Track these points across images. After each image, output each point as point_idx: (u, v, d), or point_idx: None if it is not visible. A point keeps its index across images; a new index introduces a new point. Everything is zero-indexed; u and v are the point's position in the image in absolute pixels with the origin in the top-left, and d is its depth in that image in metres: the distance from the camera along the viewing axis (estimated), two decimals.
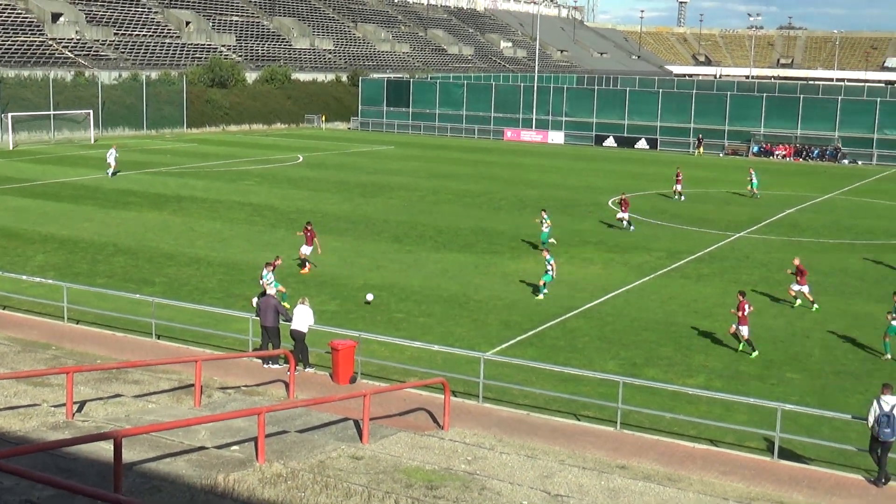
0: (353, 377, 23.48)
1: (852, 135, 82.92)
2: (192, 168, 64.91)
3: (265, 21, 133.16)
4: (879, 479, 18.32)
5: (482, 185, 59.69)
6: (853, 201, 57.67)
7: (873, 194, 61.10)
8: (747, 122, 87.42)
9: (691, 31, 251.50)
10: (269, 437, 17.03)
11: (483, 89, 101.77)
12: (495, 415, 21.66)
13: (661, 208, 52.25)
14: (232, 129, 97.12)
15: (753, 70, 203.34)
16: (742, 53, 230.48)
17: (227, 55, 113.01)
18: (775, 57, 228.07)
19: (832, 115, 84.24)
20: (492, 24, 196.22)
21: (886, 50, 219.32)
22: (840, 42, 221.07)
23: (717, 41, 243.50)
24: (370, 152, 79.46)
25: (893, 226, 48.52)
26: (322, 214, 47.68)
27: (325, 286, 33.41)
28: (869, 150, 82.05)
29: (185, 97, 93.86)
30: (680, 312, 31.03)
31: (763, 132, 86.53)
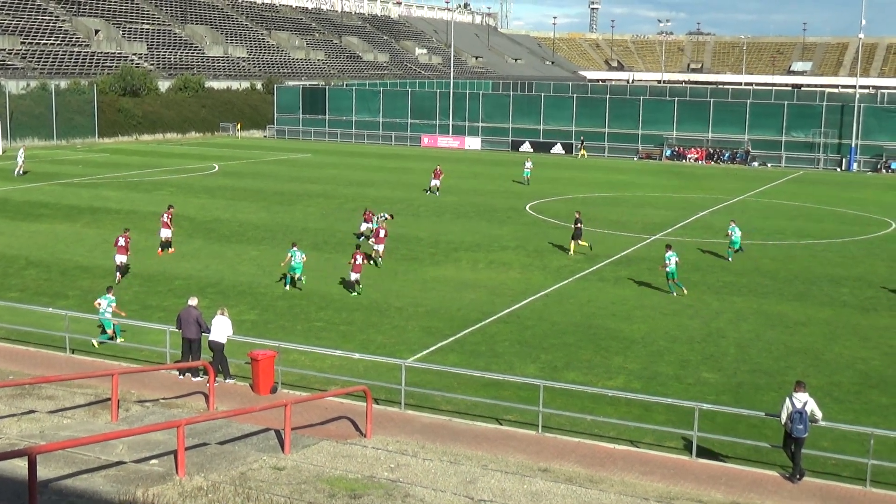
0: (273, 387, 23.29)
1: (761, 137, 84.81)
2: (105, 178, 63.75)
3: (177, 29, 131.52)
4: (794, 475, 18.73)
5: (400, 192, 59.68)
6: (763, 203, 58.95)
7: (782, 195, 62.54)
8: (660, 126, 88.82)
9: (603, 37, 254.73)
10: (188, 449, 16.81)
11: (399, 96, 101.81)
12: (418, 421, 21.66)
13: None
14: (145, 139, 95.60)
15: (665, 75, 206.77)
16: (653, 58, 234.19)
17: (139, 63, 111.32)
18: (686, 62, 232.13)
19: (742, 119, 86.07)
20: (406, 31, 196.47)
21: (792, 54, 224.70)
22: (747, 47, 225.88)
23: (628, 47, 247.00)
24: (287, 160, 78.94)
25: (802, 226, 49.70)
26: (239, 223, 47.24)
27: (244, 295, 33.10)
28: (777, 153, 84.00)
29: (97, 106, 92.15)
30: (598, 315, 31.38)
31: (675, 136, 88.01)
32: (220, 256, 39.60)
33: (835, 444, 20.53)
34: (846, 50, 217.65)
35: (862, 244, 45.04)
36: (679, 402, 21.56)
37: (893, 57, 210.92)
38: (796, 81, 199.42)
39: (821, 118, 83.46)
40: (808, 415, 18.57)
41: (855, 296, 34.64)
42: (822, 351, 27.87)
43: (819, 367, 26.39)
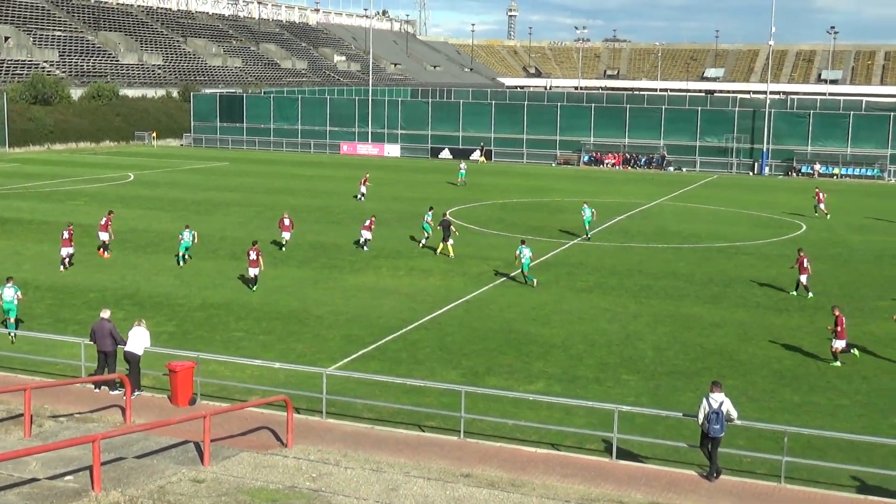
0: (192, 399, 22.97)
1: (676, 143, 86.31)
2: (15, 189, 62.33)
3: (90, 36, 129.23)
4: (711, 474, 19.04)
5: (319, 200, 59.40)
6: (679, 207, 59.93)
7: (697, 199, 63.66)
8: (577, 132, 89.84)
9: (521, 44, 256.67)
10: (104, 464, 16.52)
11: (318, 103, 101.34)
12: (339, 430, 21.55)
13: (496, 217, 53.11)
14: (58, 148, 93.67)
15: (582, 81, 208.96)
16: (570, 65, 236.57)
17: (50, 71, 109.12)
18: (602, 68, 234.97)
19: (657, 124, 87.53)
20: (325, 38, 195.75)
21: (705, 61, 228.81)
22: (662, 54, 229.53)
23: (546, 53, 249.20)
24: (204, 169, 78.05)
25: (716, 229, 50.63)
26: (156, 233, 46.54)
27: (161, 307, 32.61)
28: (692, 157, 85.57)
29: (6, 115, 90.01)
30: (518, 320, 31.57)
31: (593, 141, 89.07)
32: (136, 267, 38.97)
33: (750, 443, 20.92)
34: (757, 57, 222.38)
35: (774, 246, 46.03)
36: (599, 405, 21.80)
37: (803, 63, 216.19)
38: (709, 87, 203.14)
39: (733, 123, 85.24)
40: (724, 414, 18.90)
41: (768, 297, 35.38)
42: (736, 351, 28.40)
43: (734, 367, 26.89)
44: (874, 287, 37.15)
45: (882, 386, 25.34)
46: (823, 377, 26.15)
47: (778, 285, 37.17)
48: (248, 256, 35.39)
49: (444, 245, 42.26)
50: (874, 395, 24.72)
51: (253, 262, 35.21)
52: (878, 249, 45.30)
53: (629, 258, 42.38)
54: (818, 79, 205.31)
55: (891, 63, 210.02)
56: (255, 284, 35.40)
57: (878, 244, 46.76)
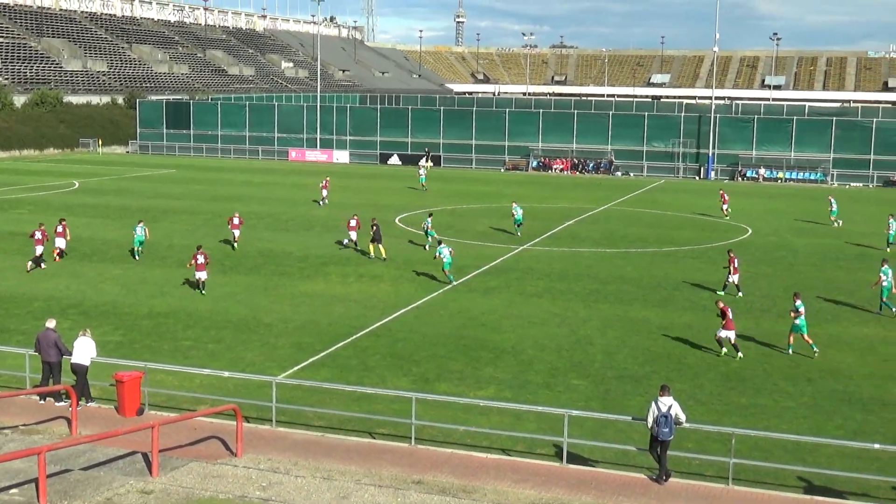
0: (140, 409, 22.70)
1: (624, 148, 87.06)
2: None
3: (32, 42, 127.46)
4: (661, 477, 19.18)
5: (268, 207, 59.09)
6: (627, 211, 60.41)
7: (644, 204, 64.21)
8: (526, 138, 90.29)
9: (469, 50, 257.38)
10: (50, 477, 16.28)
11: (266, 110, 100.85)
12: (290, 438, 21.42)
13: (446, 223, 53.13)
14: (0, 156, 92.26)
15: (530, 87, 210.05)
16: (518, 71, 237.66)
17: None
18: (550, 74, 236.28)
19: (605, 130, 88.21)
20: (272, 45, 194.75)
21: (651, 67, 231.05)
22: (609, 60, 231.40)
23: (494, 59, 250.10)
24: (151, 176, 77.30)
25: (664, 233, 51.09)
26: (102, 241, 46.01)
27: (108, 315, 32.22)
28: (639, 162, 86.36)
29: None
30: (469, 326, 31.62)
31: (541, 147, 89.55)
32: (82, 276, 38.49)
33: (699, 445, 21.13)
34: (702, 63, 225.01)
35: (721, 250, 46.50)
36: (549, 410, 21.92)
37: (746, 69, 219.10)
38: (655, 93, 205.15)
39: (679, 129, 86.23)
40: (672, 418, 19.06)
41: (715, 300, 35.70)
42: (684, 355, 28.68)
43: (682, 370, 27.15)
44: (818, 289, 37.67)
45: (826, 388, 25.71)
46: (770, 379, 26.49)
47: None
48: (196, 260, 35.72)
49: (375, 246, 42.60)
50: (819, 396, 25.08)
51: (200, 266, 35.66)
52: (822, 252, 45.97)
53: (578, 263, 42.64)
54: (762, 84, 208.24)
55: (832, 69, 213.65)
56: (203, 288, 35.78)
57: (821, 247, 47.45)
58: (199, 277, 35.87)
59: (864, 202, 67.94)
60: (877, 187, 79.32)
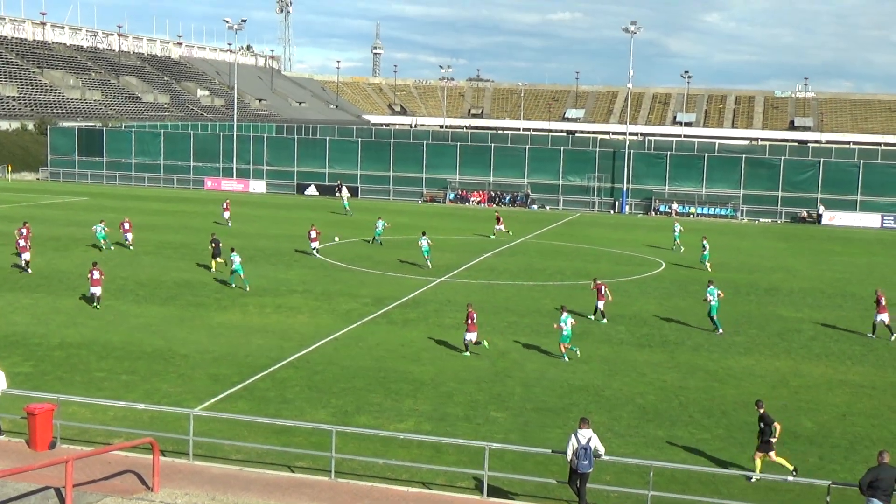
0: (52, 443, 22.16)
1: (540, 181, 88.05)
2: None
3: None
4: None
5: (183, 236, 58.34)
6: (544, 244, 60.99)
7: (561, 237, 64.92)
8: (443, 170, 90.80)
9: (386, 82, 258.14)
10: None
11: (181, 138, 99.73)
12: (207, 472, 21.09)
13: (364, 255, 53.07)
14: None
15: (447, 120, 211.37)
16: (435, 103, 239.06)
17: None
18: (466, 107, 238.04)
19: (521, 163, 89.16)
20: (188, 72, 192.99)
21: (566, 102, 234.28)
22: (524, 94, 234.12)
23: (411, 91, 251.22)
24: (62, 204, 75.80)
25: (580, 266, 51.65)
26: (9, 271, 44.95)
27: (17, 346, 31.42)
28: (555, 196, 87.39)
29: None
30: (388, 358, 31.54)
31: (458, 179, 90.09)
32: None
33: (617, 478, 21.35)
34: (616, 98, 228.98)
35: (636, 283, 47.25)
36: (469, 443, 21.97)
37: (659, 106, 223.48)
38: (570, 128, 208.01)
39: (595, 163, 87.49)
40: (591, 450, 19.26)
41: (631, 333, 36.27)
42: (602, 387, 28.98)
43: (600, 403, 27.43)
44: (730, 323, 38.39)
45: (740, 420, 26.18)
46: (685, 412, 26.90)
47: (639, 322, 38.14)
48: (91, 276, 37.50)
49: (214, 261, 46.44)
50: (733, 428, 25.54)
51: (95, 282, 37.40)
52: (733, 286, 46.90)
53: (496, 295, 42.87)
54: (673, 121, 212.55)
55: (741, 107, 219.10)
56: (98, 303, 37.48)
57: (732, 281, 48.42)
58: (94, 292, 37.44)
59: (773, 238, 69.62)
60: (784, 223, 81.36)
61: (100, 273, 37.87)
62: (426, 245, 49.59)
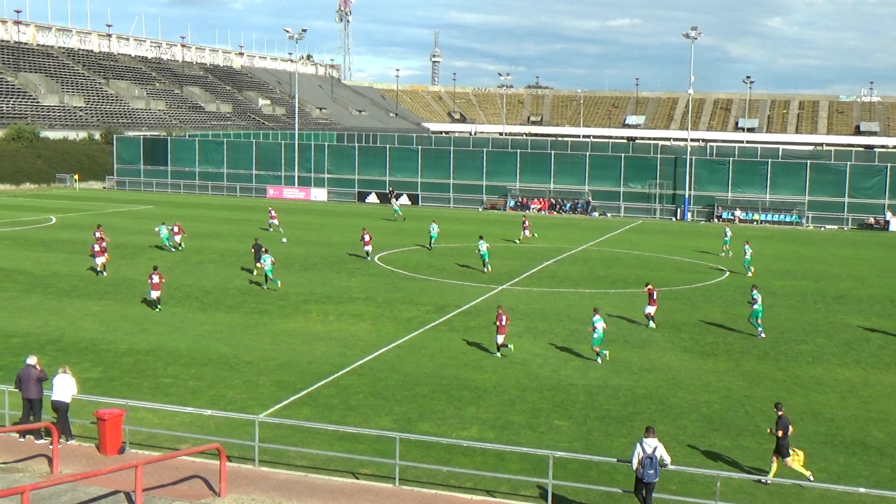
0: (121, 447, 22.50)
1: (601, 188, 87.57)
2: None
3: (9, 77, 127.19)
4: None
5: (247, 244, 58.78)
6: (605, 252, 60.63)
7: (622, 245, 64.49)
8: (503, 178, 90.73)
9: (445, 90, 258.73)
10: None
11: (243, 147, 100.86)
12: (273, 478, 21.27)
13: (425, 263, 53.20)
14: None
15: (506, 127, 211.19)
16: (494, 111, 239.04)
17: None
18: (526, 114, 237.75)
19: (582, 170, 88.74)
20: (249, 82, 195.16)
21: (626, 108, 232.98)
22: (584, 101, 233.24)
23: (470, 99, 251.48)
24: (128, 212, 77.00)
25: (642, 274, 51.19)
26: (80, 278, 45.75)
27: (87, 352, 31.97)
28: (616, 203, 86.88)
29: None
30: (450, 365, 31.56)
31: (519, 187, 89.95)
32: (60, 312, 38.21)
33: (683, 488, 21.13)
34: (676, 104, 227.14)
35: (699, 291, 46.78)
36: (533, 451, 21.86)
37: (720, 112, 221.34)
38: (631, 134, 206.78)
39: (656, 170, 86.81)
40: (657, 459, 19.09)
41: (695, 341, 35.90)
42: (666, 396, 28.71)
43: (665, 411, 27.18)
44: (797, 331, 37.89)
45: (809, 430, 25.78)
46: (752, 421, 26.56)
47: (704, 330, 37.76)
48: (151, 280, 38.91)
49: (256, 266, 46.81)
50: (801, 439, 25.10)
51: (155, 286, 38.78)
52: (800, 294, 46.27)
53: (558, 303, 42.71)
54: (735, 127, 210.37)
55: (805, 112, 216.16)
56: (158, 306, 38.96)
57: (799, 289, 47.76)
58: (154, 296, 38.96)
59: (840, 245, 68.52)
60: (851, 230, 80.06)
61: (159, 277, 39.13)
62: (484, 249, 50.17)
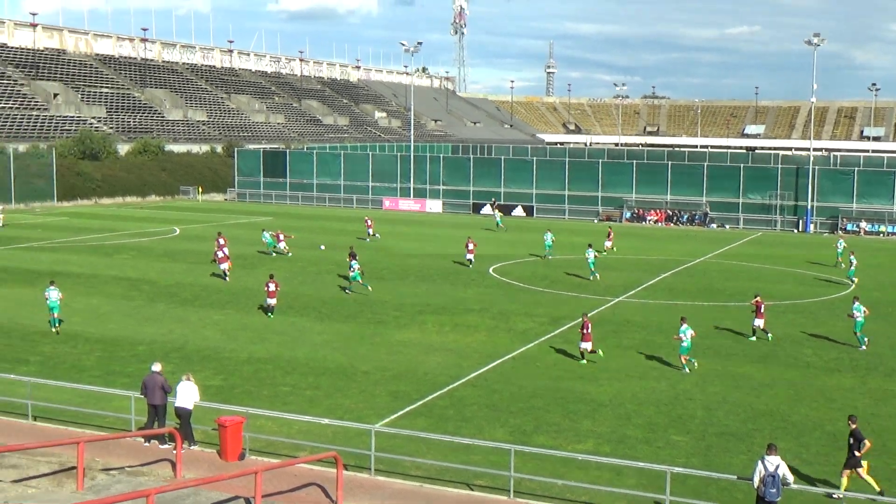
0: (241, 454, 22.99)
1: (719, 199, 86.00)
2: (65, 242, 63.23)
3: (136, 93, 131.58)
4: None
5: (364, 255, 59.44)
6: (723, 264, 59.52)
7: (741, 257, 63.20)
8: (619, 189, 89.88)
9: (560, 101, 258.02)
10: None
11: (360, 159, 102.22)
12: (389, 487, 21.45)
13: (540, 274, 53.04)
14: (105, 202, 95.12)
15: (622, 138, 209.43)
16: (610, 122, 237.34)
17: (98, 127, 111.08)
18: (642, 125, 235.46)
19: (699, 181, 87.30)
20: (366, 95, 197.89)
21: (745, 117, 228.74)
22: (701, 110, 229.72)
23: (585, 110, 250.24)
24: (248, 223, 78.72)
25: (763, 287, 50.01)
26: (202, 287, 46.94)
27: (209, 360, 32.77)
28: (735, 214, 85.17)
29: (55, 170, 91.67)
30: (565, 378, 31.37)
31: (635, 198, 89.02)
32: (184, 321, 39.27)
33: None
34: (798, 113, 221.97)
35: (823, 305, 45.54)
36: (650, 466, 21.57)
37: (844, 120, 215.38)
38: (750, 144, 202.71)
39: (777, 180, 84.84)
40: (780, 478, 18.62)
41: (818, 357, 34.95)
42: (788, 413, 28.00)
43: (786, 429, 26.51)
44: None
45: None
46: (878, 440, 25.65)
47: (828, 346, 36.73)
48: (267, 288, 40.26)
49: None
50: None
51: (271, 294, 40.06)
52: None
53: (675, 316, 41.96)
54: (860, 135, 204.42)
55: None
56: (272, 312, 40.25)
57: None
58: (269, 303, 40.32)
59: None
60: None
61: (275, 285, 40.37)
62: (592, 257, 50.74)
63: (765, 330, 37.52)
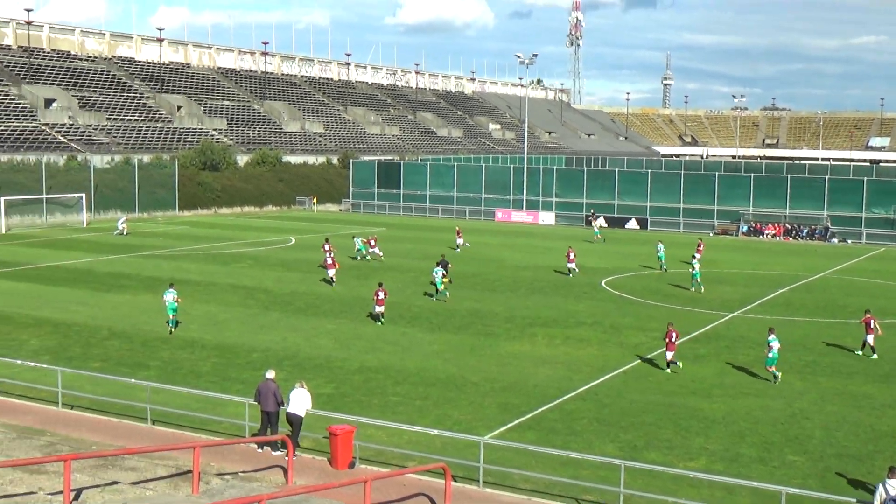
0: (352, 462, 23.24)
1: (841, 214, 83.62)
2: (184, 251, 64.98)
3: (256, 105, 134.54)
4: None
5: (475, 266, 59.75)
6: (845, 280, 57.87)
7: (864, 273, 61.34)
8: (736, 202, 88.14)
9: (677, 113, 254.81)
10: None
11: (473, 171, 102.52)
12: (496, 500, 21.42)
13: (653, 288, 52.37)
14: (224, 212, 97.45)
15: (739, 150, 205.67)
16: (727, 134, 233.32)
17: (219, 139, 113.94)
18: (760, 137, 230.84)
19: (820, 195, 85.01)
20: (480, 107, 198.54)
21: (869, 130, 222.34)
22: (824, 122, 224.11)
23: (702, 122, 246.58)
24: (362, 234, 79.55)
25: (886, 305, 48.54)
26: (316, 297, 47.66)
27: (321, 369, 33.25)
28: (858, 229, 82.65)
29: (177, 180, 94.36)
30: (678, 393, 30.89)
31: (752, 211, 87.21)
32: (297, 329, 39.94)
33: None
34: None
35: None
36: (764, 486, 21.06)
37: None
38: (874, 157, 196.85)
39: None
40: None
41: None
42: None
43: None
44: None
45: None
46: None
47: None
48: (377, 296, 41.24)
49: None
50: None
51: (380, 301, 41.15)
52: None
53: (793, 332, 41.02)
54: None
55: None
56: (382, 319, 41.16)
57: None
58: (378, 311, 41.18)
59: None
60: None
61: (384, 293, 41.48)
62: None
63: (872, 347, 36.33)
